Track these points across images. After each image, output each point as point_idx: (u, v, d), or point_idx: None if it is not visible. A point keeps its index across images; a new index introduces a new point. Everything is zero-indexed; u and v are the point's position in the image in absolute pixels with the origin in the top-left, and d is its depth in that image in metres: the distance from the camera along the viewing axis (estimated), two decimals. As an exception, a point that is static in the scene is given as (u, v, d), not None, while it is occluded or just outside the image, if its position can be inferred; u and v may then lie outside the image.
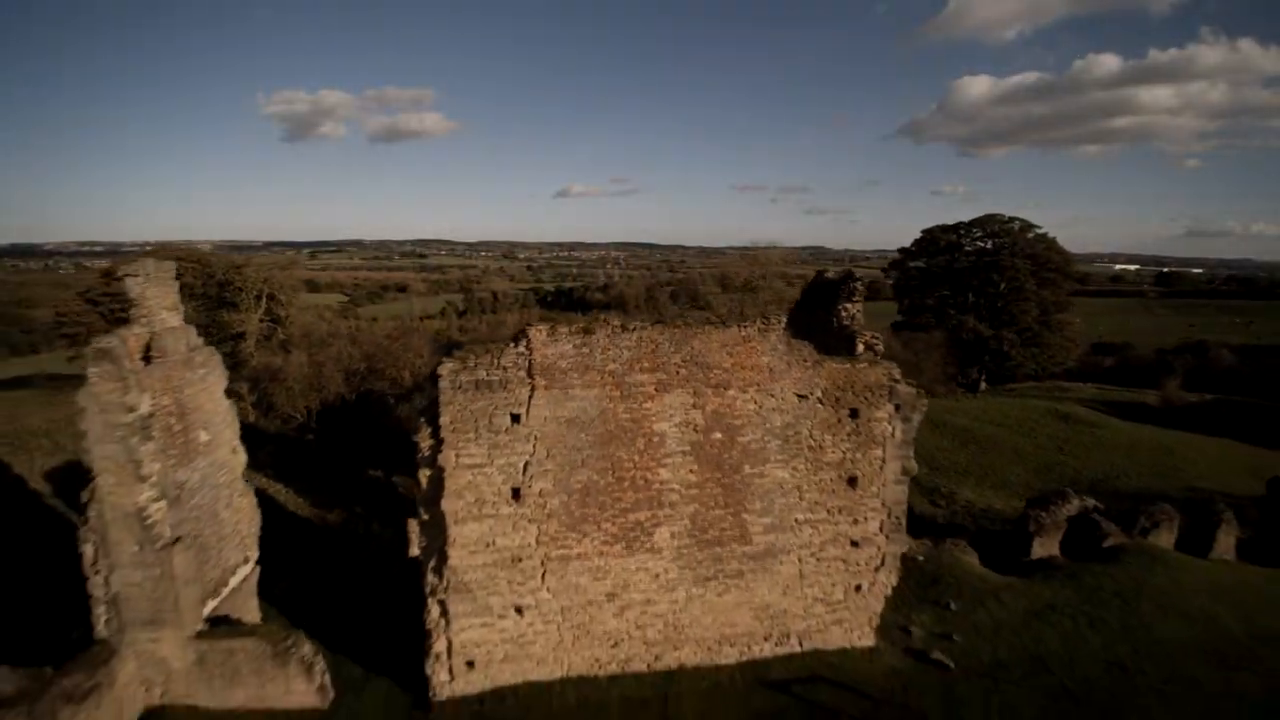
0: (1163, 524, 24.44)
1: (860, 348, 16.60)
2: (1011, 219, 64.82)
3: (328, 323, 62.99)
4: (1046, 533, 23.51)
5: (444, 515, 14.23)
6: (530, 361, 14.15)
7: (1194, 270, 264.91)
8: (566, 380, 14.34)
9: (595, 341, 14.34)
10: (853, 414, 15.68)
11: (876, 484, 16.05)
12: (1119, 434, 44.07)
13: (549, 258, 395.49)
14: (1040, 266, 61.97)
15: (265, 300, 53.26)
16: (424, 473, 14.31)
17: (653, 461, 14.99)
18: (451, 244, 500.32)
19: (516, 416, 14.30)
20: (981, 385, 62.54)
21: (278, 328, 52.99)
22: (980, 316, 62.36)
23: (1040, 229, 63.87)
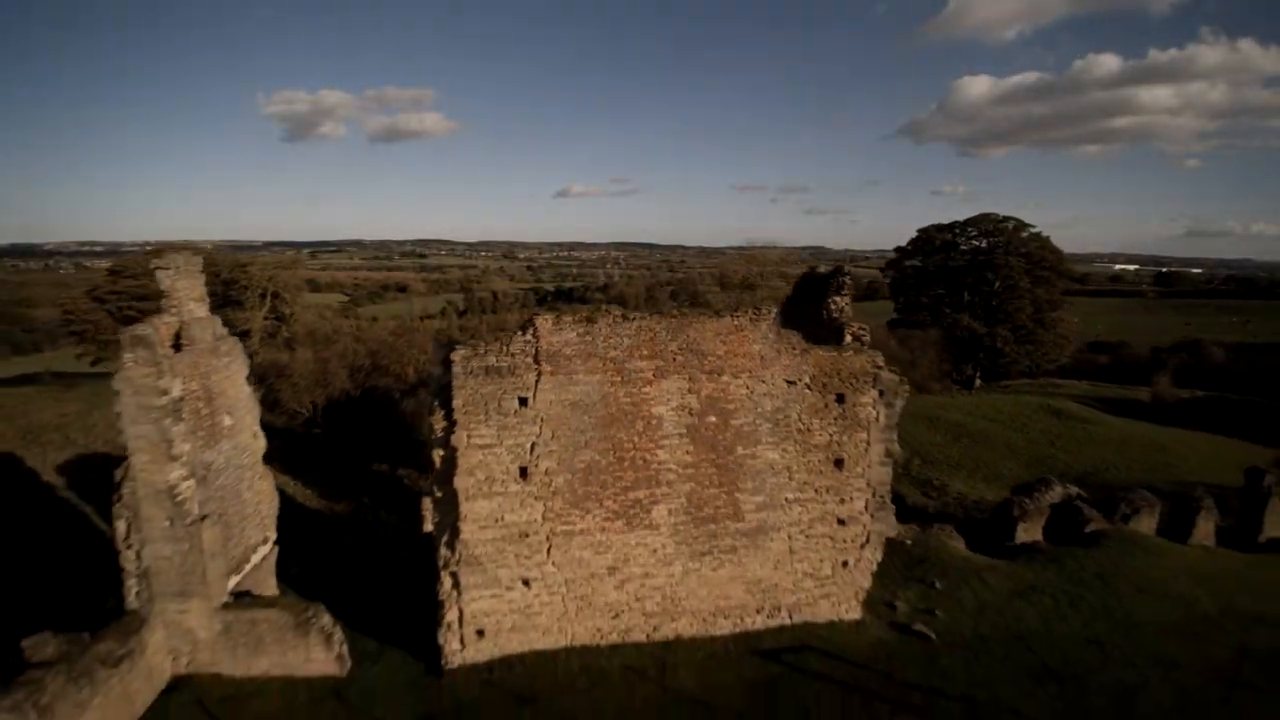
0: (1143, 510, 25.12)
1: (848, 338, 17.48)
2: (1006, 218, 65.50)
3: (329, 322, 63.66)
4: (1030, 518, 24.22)
5: (456, 492, 15.10)
6: (537, 348, 14.99)
7: (1193, 270, 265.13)
8: (571, 366, 15.18)
9: (597, 330, 15.19)
10: (839, 399, 16.49)
11: (862, 465, 16.88)
12: (1110, 429, 44.37)
13: (549, 258, 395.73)
14: (1034, 265, 62.68)
15: (270, 298, 54.11)
16: (437, 452, 15.21)
17: (651, 443, 15.82)
18: (451, 244, 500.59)
19: (524, 400, 15.13)
20: (976, 382, 63.26)
21: (282, 325, 53.81)
22: (975, 314, 63.09)
23: (1034, 228, 64.52)
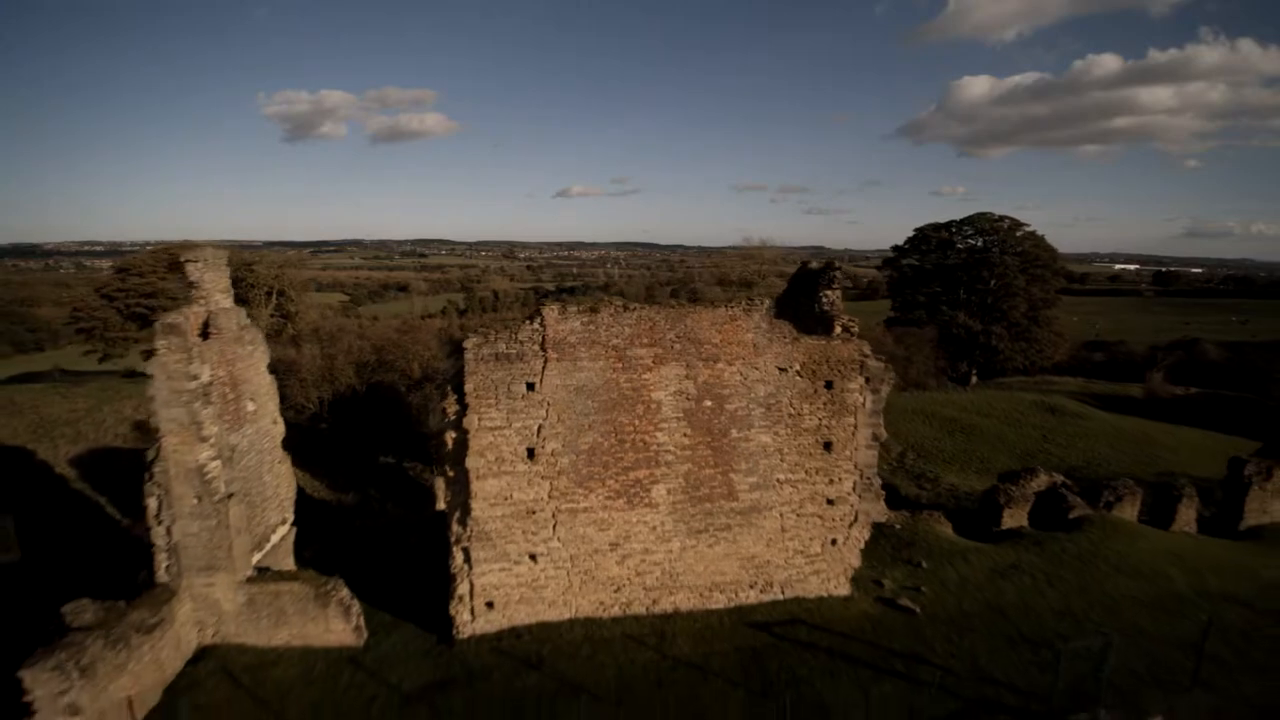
0: (1125, 498, 25.96)
1: (838, 329, 18.42)
2: (1001, 217, 66.40)
3: (333, 320, 64.64)
4: (1015, 504, 25.14)
5: (468, 472, 16.08)
6: (544, 336, 15.98)
7: (1193, 270, 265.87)
8: (575, 353, 16.17)
9: (600, 319, 16.18)
10: (828, 385, 17.47)
11: (849, 448, 17.86)
12: (1103, 424, 45.08)
13: (549, 257, 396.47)
14: (1029, 263, 63.59)
15: (276, 296, 55.11)
16: (450, 434, 16.20)
17: (650, 426, 16.80)
18: (451, 244, 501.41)
19: (532, 385, 16.11)
20: (972, 379, 64.11)
21: (287, 323, 54.80)
22: (971, 312, 63.97)
23: (1029, 227, 65.45)
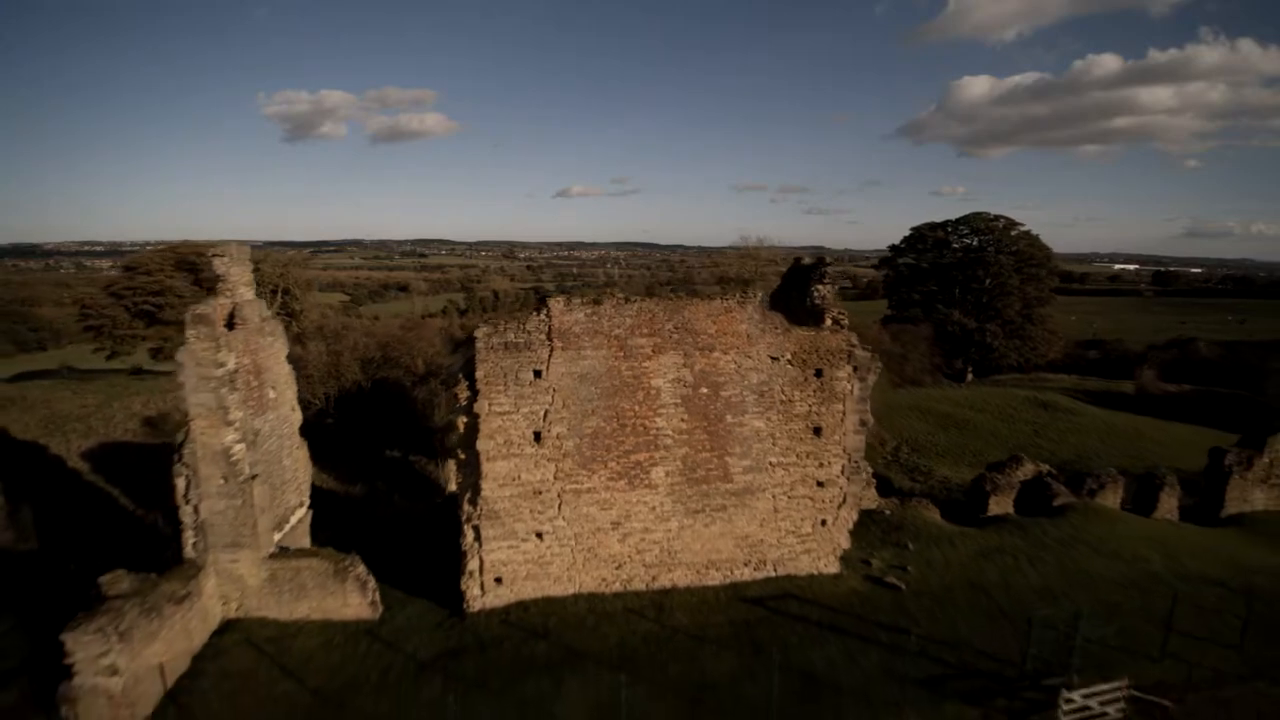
0: (1108, 486, 26.87)
1: (828, 321, 19.41)
2: (997, 217, 67.25)
3: (336, 318, 65.44)
4: (1001, 492, 26.06)
5: (478, 454, 17.09)
6: (550, 327, 16.98)
7: (1193, 270, 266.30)
8: (579, 342, 17.17)
9: (603, 311, 17.18)
10: (818, 374, 18.45)
11: (838, 433, 18.85)
12: (1095, 420, 45.98)
13: (549, 257, 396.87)
14: (1024, 262, 64.49)
15: (280, 295, 55.96)
16: (461, 419, 17.20)
17: (650, 411, 17.80)
18: (451, 244, 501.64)
19: (538, 372, 17.11)
20: (967, 376, 65.00)
21: (292, 321, 55.62)
22: (966, 310, 64.91)
23: (1024, 226, 66.30)
